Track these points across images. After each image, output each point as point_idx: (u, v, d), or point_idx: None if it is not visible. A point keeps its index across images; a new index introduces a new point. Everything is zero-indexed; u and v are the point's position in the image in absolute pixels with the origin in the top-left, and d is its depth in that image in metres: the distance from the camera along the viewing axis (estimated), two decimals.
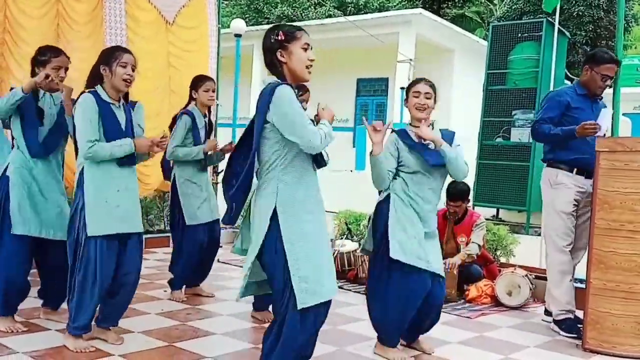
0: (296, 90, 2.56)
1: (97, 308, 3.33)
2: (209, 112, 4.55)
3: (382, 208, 3.41)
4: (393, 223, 3.31)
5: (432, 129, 3.51)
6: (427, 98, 3.39)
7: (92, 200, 3.15)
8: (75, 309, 3.19)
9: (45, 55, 3.51)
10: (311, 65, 2.56)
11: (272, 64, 2.56)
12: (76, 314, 3.19)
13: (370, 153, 3.29)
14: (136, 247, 3.34)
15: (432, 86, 3.44)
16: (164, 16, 6.55)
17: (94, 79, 3.27)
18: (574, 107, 4.11)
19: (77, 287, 3.17)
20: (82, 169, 3.21)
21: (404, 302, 3.30)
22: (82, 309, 3.18)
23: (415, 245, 3.29)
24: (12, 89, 3.52)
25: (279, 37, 2.51)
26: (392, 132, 3.48)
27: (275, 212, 2.48)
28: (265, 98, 2.47)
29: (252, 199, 2.66)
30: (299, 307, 2.43)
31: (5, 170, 3.50)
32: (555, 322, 4.12)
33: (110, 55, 3.25)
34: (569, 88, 4.25)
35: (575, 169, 4.07)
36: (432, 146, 3.36)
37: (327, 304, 2.58)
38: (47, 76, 3.37)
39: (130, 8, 6.24)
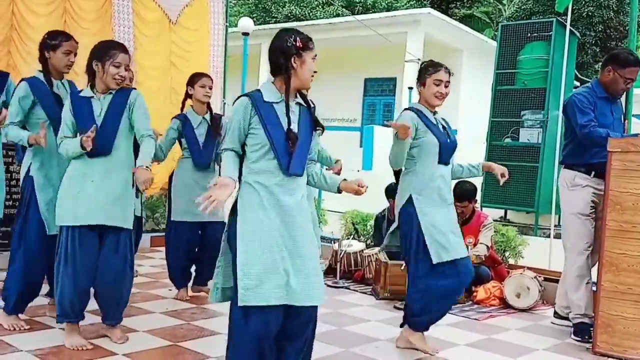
0: (295, 97, 2.59)
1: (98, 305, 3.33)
2: (210, 109, 4.49)
3: (408, 212, 3.38)
4: (427, 228, 3.32)
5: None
6: (446, 86, 3.38)
7: (63, 190, 3.21)
8: (58, 297, 3.21)
9: (57, 39, 3.49)
10: (313, 76, 2.60)
11: (281, 67, 2.53)
12: (58, 302, 3.21)
13: (396, 135, 3.23)
14: (113, 243, 3.27)
15: (450, 73, 3.45)
16: (168, 15, 6.54)
17: (88, 72, 3.26)
18: (596, 110, 4.02)
19: (56, 274, 3.20)
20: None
21: (448, 293, 3.41)
22: (63, 296, 3.18)
23: (450, 237, 3.36)
24: (22, 80, 3.50)
25: (297, 44, 2.51)
26: (406, 109, 3.47)
27: (236, 204, 2.51)
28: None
29: None
30: (239, 304, 2.40)
31: (28, 170, 3.49)
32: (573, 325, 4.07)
33: (105, 52, 3.20)
34: (586, 90, 4.13)
35: (593, 172, 4.00)
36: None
37: (281, 312, 2.46)
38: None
39: (137, 6, 6.24)
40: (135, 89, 3.44)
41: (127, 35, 6.02)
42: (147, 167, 3.13)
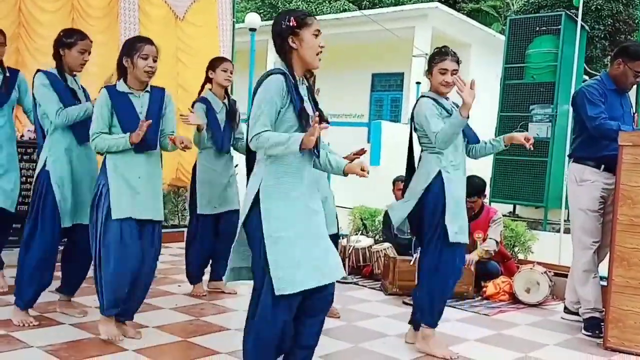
0: (301, 78, 2.54)
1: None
2: (227, 95, 4.44)
3: (435, 189, 3.32)
4: (450, 208, 3.29)
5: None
6: (453, 74, 3.35)
7: (115, 185, 3.20)
8: (105, 288, 3.20)
9: (72, 38, 3.53)
10: (321, 52, 2.52)
11: (282, 50, 2.51)
12: (105, 293, 3.21)
13: (460, 114, 3.15)
14: (150, 237, 3.32)
15: (458, 61, 3.41)
16: (174, 12, 6.54)
17: (120, 70, 3.30)
18: (606, 103, 3.98)
19: (102, 266, 3.19)
20: (104, 159, 3.27)
21: (452, 277, 3.39)
22: (112, 287, 3.19)
23: (463, 221, 3.36)
24: (38, 70, 3.53)
25: (291, 23, 2.46)
26: (423, 97, 3.43)
27: (258, 193, 2.47)
28: (257, 85, 2.50)
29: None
30: (277, 293, 2.40)
31: (44, 164, 3.50)
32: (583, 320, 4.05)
33: (132, 47, 3.26)
34: (595, 82, 4.09)
35: (602, 166, 3.96)
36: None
37: (312, 293, 2.49)
38: None
39: (143, 3, 6.24)
40: (164, 88, 3.47)
41: (133, 32, 6.02)
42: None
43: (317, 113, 2.47)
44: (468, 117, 3.17)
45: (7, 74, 4.09)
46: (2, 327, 3.42)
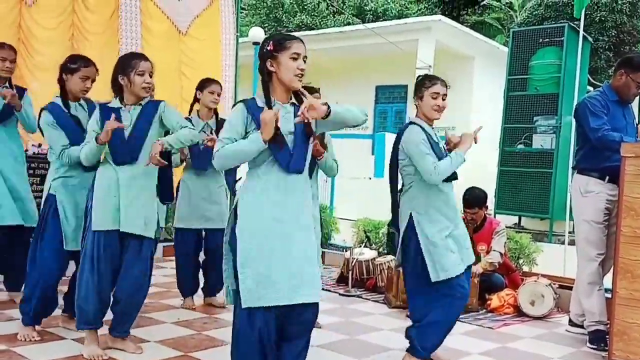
0: (283, 102, 2.59)
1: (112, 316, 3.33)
2: (216, 114, 4.50)
3: (411, 232, 3.31)
4: (426, 245, 3.24)
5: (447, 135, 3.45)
6: (444, 99, 3.35)
7: (94, 197, 3.24)
8: (80, 302, 3.22)
9: (76, 64, 3.55)
10: (301, 74, 2.57)
11: (262, 73, 2.60)
12: (79, 308, 3.23)
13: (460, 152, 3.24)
14: (135, 251, 3.29)
15: (447, 86, 3.41)
16: (177, 27, 6.58)
17: (115, 87, 3.30)
18: (608, 114, 3.97)
19: (79, 280, 3.22)
20: (94, 173, 3.32)
21: (452, 308, 3.28)
22: (86, 302, 3.21)
23: (448, 255, 3.24)
24: (43, 109, 3.55)
25: (269, 47, 2.55)
26: (412, 124, 3.37)
27: (236, 207, 2.55)
28: None
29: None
30: (243, 305, 2.45)
31: (49, 187, 3.53)
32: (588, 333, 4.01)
33: (127, 64, 3.26)
34: (598, 94, 4.09)
35: (607, 177, 3.94)
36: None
37: (287, 316, 2.51)
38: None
39: (145, 18, 6.28)
40: (163, 101, 3.48)
41: (135, 47, 6.05)
42: (166, 144, 3.25)
43: (276, 107, 2.50)
44: None
45: (15, 92, 4.12)
46: (5, 342, 3.43)
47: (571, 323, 4.30)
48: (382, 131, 15.01)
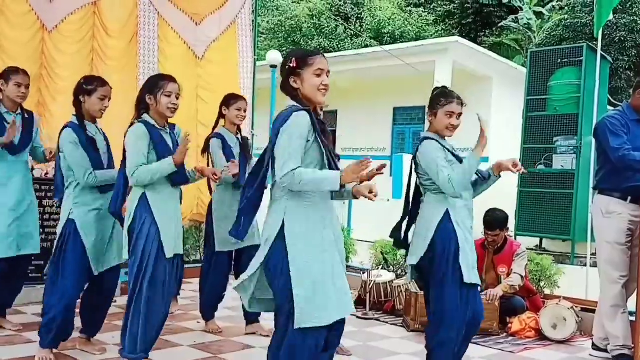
0: (320, 115, 2.61)
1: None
2: (239, 130, 4.50)
3: (446, 228, 3.21)
4: (463, 246, 3.19)
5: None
6: (458, 118, 3.29)
7: (163, 224, 3.21)
8: (142, 330, 3.18)
9: (92, 85, 3.59)
10: (325, 89, 2.55)
11: (286, 90, 2.60)
12: (142, 337, 3.19)
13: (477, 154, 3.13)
14: (174, 270, 3.34)
15: (463, 104, 3.33)
16: (194, 51, 6.65)
17: (141, 106, 3.34)
18: (629, 133, 3.92)
19: (145, 308, 3.16)
20: (143, 194, 3.24)
21: (465, 322, 3.21)
22: (150, 330, 3.22)
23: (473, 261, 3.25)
24: (66, 126, 3.59)
25: (292, 64, 2.55)
26: (428, 139, 3.31)
27: (282, 229, 2.50)
28: (280, 121, 2.51)
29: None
30: (296, 326, 2.44)
31: (69, 213, 3.54)
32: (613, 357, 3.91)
33: (155, 85, 3.31)
34: (617, 113, 4.04)
35: (629, 197, 3.87)
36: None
37: (331, 328, 2.54)
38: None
39: (162, 43, 6.36)
40: (175, 125, 3.53)
41: (152, 72, 6.12)
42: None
43: (368, 158, 2.47)
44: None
45: (26, 116, 4.17)
46: None
47: (595, 347, 4.20)
48: (400, 152, 14.97)
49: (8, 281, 4.11)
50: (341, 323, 2.62)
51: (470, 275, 3.18)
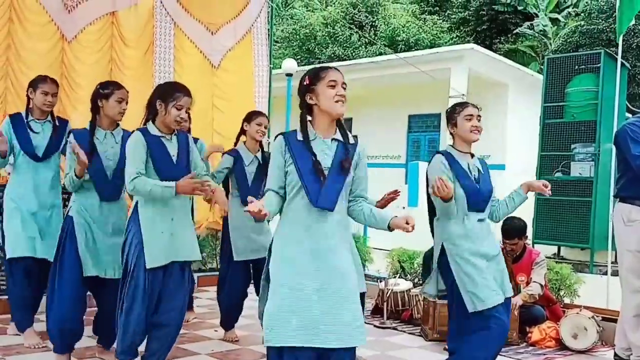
0: (323, 134, 2.61)
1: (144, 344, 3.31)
2: (262, 147, 4.52)
3: (444, 262, 3.31)
4: (461, 278, 3.21)
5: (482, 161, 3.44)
6: (479, 120, 3.32)
7: (149, 234, 3.17)
8: (123, 335, 3.18)
9: (108, 88, 3.61)
10: (341, 100, 2.56)
11: (303, 108, 2.64)
12: (122, 340, 3.18)
13: (443, 200, 3.15)
14: (179, 278, 3.30)
15: (478, 108, 3.39)
16: (210, 61, 6.69)
17: (150, 110, 3.30)
18: None
19: (126, 313, 3.16)
20: (136, 203, 3.23)
21: (489, 342, 3.19)
22: (133, 333, 3.18)
23: (486, 282, 3.19)
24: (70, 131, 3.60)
25: (305, 82, 2.60)
26: (438, 152, 3.39)
27: (271, 243, 2.60)
28: None
29: None
30: (264, 343, 2.45)
31: (68, 210, 3.57)
32: None
33: (169, 94, 3.25)
34: (637, 120, 3.99)
35: None
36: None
37: (314, 354, 2.42)
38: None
39: (178, 52, 6.41)
40: (187, 133, 3.51)
41: (167, 80, 6.18)
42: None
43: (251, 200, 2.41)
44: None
45: (57, 123, 4.22)
46: None
47: (617, 357, 4.13)
48: (415, 160, 14.93)
49: (36, 285, 4.12)
50: (334, 355, 2.44)
51: (479, 304, 3.15)
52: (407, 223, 2.52)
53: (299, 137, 2.57)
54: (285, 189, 2.57)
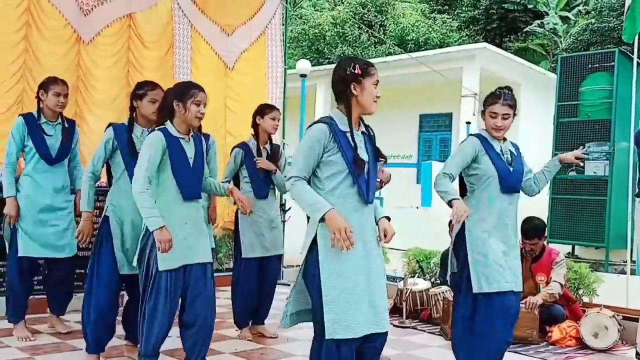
0: (356, 126, 2.65)
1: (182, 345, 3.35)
2: (270, 140, 4.51)
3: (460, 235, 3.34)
4: (474, 257, 3.24)
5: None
6: (505, 119, 3.31)
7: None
8: (148, 336, 3.20)
9: (143, 89, 3.65)
10: (377, 101, 2.66)
11: (344, 95, 2.62)
12: (147, 341, 3.20)
13: (449, 203, 3.18)
14: (203, 277, 3.32)
15: (511, 104, 3.36)
16: (224, 62, 6.72)
17: (165, 111, 3.29)
18: None
19: (147, 316, 3.18)
20: None
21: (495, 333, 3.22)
22: (158, 335, 3.21)
23: (496, 268, 3.22)
24: (110, 125, 3.68)
25: (356, 71, 2.59)
26: (472, 135, 3.43)
27: (316, 235, 2.58)
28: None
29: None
30: (327, 337, 2.49)
31: (105, 210, 3.62)
32: None
33: (185, 92, 3.26)
34: None
35: None
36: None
37: (366, 339, 2.57)
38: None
39: (194, 54, 6.45)
40: (200, 134, 3.50)
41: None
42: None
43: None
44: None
45: (67, 125, 4.27)
46: None
47: (638, 356, 4.13)
48: (426, 159, 14.94)
49: (44, 284, 4.23)
50: (376, 337, 2.61)
51: (482, 284, 3.19)
52: (385, 236, 2.67)
53: (342, 127, 2.59)
54: (317, 177, 2.59)
